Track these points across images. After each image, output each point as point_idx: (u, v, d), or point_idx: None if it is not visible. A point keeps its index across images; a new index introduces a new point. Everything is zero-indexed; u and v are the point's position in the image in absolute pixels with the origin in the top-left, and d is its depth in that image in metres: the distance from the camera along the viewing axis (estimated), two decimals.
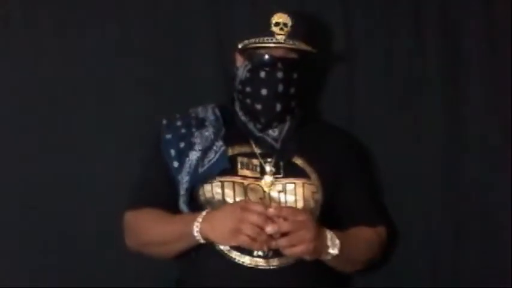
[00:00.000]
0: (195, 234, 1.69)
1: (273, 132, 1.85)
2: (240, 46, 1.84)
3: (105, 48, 2.08)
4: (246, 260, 1.74)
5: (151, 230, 1.82)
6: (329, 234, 1.70)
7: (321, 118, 2.07)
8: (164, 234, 1.78)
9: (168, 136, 1.86)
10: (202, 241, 1.70)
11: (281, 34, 1.78)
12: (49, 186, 2.07)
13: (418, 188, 2.06)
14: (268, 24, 1.79)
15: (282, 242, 1.63)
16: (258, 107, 1.82)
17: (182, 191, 1.81)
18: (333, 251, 1.70)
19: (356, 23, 2.08)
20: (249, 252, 1.74)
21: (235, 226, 1.63)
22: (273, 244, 1.63)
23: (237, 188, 1.79)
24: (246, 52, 1.84)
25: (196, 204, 1.81)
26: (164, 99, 2.08)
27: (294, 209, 1.73)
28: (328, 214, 1.84)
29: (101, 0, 2.09)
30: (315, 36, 1.88)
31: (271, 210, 1.64)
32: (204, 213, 1.71)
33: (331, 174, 1.85)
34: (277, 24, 1.79)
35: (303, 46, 1.80)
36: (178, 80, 2.09)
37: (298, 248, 1.64)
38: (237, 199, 1.78)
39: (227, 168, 1.80)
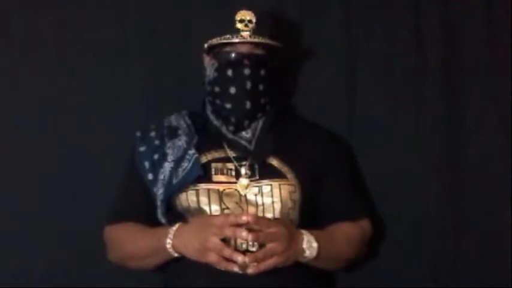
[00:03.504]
0: (170, 250, 1.71)
1: (246, 134, 1.83)
2: (206, 45, 1.83)
3: (104, 48, 2.09)
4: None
5: (128, 245, 1.83)
6: (306, 237, 1.69)
7: (297, 114, 2.05)
8: (140, 248, 1.79)
9: (142, 148, 1.85)
10: (177, 255, 1.72)
11: (246, 30, 1.78)
12: (49, 186, 2.07)
13: (418, 188, 2.05)
14: (233, 22, 1.78)
15: (252, 258, 1.63)
16: (228, 106, 1.80)
17: (158, 203, 1.80)
18: (310, 254, 1.69)
19: (356, 21, 2.08)
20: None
21: (201, 245, 1.65)
22: (245, 259, 1.63)
23: (212, 194, 1.77)
24: (212, 51, 1.83)
25: (174, 214, 1.81)
26: (164, 99, 2.08)
27: (267, 221, 1.70)
28: (309, 213, 1.81)
29: (101, 0, 2.09)
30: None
31: (244, 219, 1.63)
32: (174, 228, 1.72)
33: (309, 172, 1.82)
34: (241, 21, 1.79)
35: (269, 41, 1.79)
36: (178, 80, 2.09)
37: (269, 261, 1.64)
38: (212, 206, 1.76)
39: (201, 175, 1.78)
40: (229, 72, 1.80)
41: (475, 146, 2.03)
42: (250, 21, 1.79)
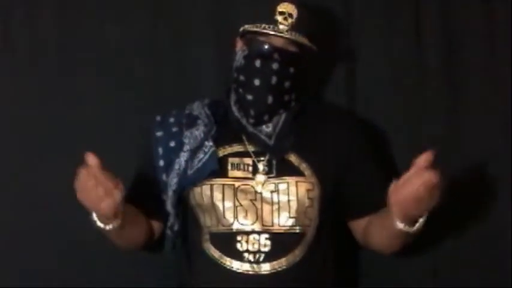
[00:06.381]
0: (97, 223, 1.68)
1: (267, 128, 1.78)
2: (240, 30, 1.78)
3: (105, 48, 2.09)
4: (236, 265, 1.71)
5: None
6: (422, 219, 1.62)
7: (322, 102, 2.02)
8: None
9: (159, 133, 1.82)
10: (100, 224, 1.67)
11: (284, 24, 1.72)
12: (49, 186, 2.07)
13: None
14: (273, 12, 1.73)
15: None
16: (249, 97, 1.75)
17: (170, 193, 1.77)
18: (409, 229, 1.63)
19: (355, 21, 2.08)
20: (239, 257, 1.71)
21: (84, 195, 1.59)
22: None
23: (227, 190, 1.74)
24: (245, 37, 1.78)
25: (185, 207, 1.80)
26: (164, 98, 2.08)
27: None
28: (329, 210, 1.79)
29: (101, 1, 2.10)
30: (318, 33, 1.82)
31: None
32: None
33: (331, 168, 1.77)
34: (282, 13, 1.72)
35: (305, 41, 1.74)
36: (178, 79, 2.09)
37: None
38: (226, 202, 1.74)
39: (217, 170, 1.75)
40: (257, 63, 1.73)
41: (475, 146, 2.04)
42: (290, 15, 1.72)
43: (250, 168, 1.76)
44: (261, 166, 1.76)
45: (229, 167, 1.77)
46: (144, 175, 1.84)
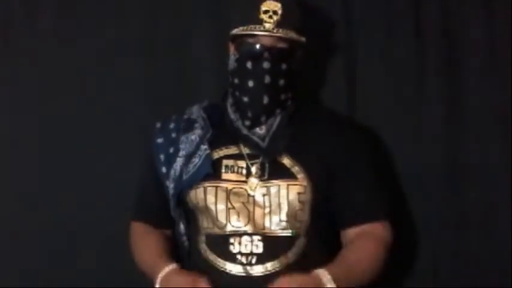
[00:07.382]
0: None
1: (260, 130, 1.77)
2: (230, 34, 1.78)
3: (104, 48, 2.09)
4: (229, 267, 1.71)
5: (137, 255, 1.85)
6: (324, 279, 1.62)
7: (320, 105, 2.02)
8: (143, 266, 1.81)
9: (160, 140, 1.83)
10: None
11: (269, 22, 1.71)
12: (49, 186, 2.08)
13: (418, 189, 2.05)
14: (258, 12, 1.72)
15: None
16: (245, 99, 1.75)
17: (170, 197, 1.79)
18: None
19: (355, 21, 2.07)
20: (232, 259, 1.71)
21: None
22: None
23: (220, 193, 1.74)
24: (236, 41, 1.78)
25: (185, 210, 1.80)
26: (164, 98, 2.08)
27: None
28: (322, 213, 1.77)
29: (101, 0, 2.10)
30: (308, 26, 1.82)
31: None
32: (163, 273, 1.70)
33: (324, 171, 1.76)
34: (266, 11, 1.72)
35: (293, 35, 1.73)
36: (178, 79, 2.10)
37: None
38: (219, 205, 1.74)
39: (210, 173, 1.75)
40: (249, 65, 1.73)
41: (475, 145, 2.03)
42: (275, 12, 1.72)
43: (244, 171, 1.76)
44: (254, 169, 1.76)
45: (223, 170, 1.77)
46: (148, 185, 1.85)
